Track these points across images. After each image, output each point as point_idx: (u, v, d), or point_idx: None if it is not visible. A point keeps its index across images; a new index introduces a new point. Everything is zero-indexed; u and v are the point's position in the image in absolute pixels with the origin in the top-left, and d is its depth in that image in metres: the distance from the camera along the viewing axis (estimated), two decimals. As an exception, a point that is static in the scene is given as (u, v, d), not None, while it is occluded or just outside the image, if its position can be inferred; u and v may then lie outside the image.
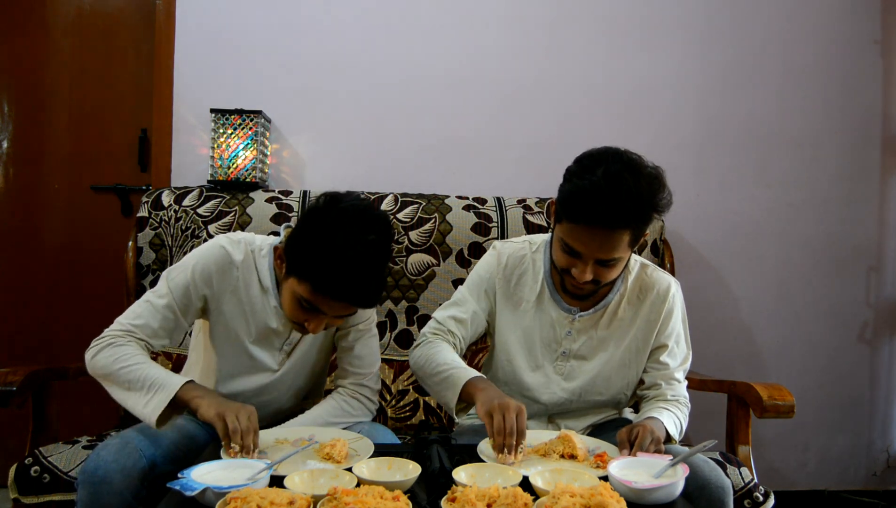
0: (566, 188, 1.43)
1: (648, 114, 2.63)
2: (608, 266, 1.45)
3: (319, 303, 1.41)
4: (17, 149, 2.61)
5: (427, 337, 1.65)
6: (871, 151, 2.74)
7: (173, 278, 1.52)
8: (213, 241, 1.55)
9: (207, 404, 1.36)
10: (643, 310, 1.63)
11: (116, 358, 1.43)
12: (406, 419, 2.21)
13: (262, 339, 1.59)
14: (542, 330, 1.64)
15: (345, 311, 1.45)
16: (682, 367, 1.66)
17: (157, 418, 1.37)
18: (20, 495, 1.63)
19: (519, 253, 1.67)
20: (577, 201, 1.39)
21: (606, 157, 1.41)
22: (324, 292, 1.38)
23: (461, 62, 2.57)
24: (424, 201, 2.32)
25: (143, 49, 2.56)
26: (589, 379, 1.64)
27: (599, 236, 1.39)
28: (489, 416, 1.34)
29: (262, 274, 1.55)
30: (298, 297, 1.42)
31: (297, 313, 1.45)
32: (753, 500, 1.70)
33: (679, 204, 2.60)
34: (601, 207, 1.36)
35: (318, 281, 1.37)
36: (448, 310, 1.68)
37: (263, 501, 1.03)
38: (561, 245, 1.47)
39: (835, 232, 2.72)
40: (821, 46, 2.70)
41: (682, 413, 1.59)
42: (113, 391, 1.46)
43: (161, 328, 1.50)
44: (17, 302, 2.60)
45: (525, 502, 1.07)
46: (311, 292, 1.39)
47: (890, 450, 2.79)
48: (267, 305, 1.55)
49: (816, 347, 2.73)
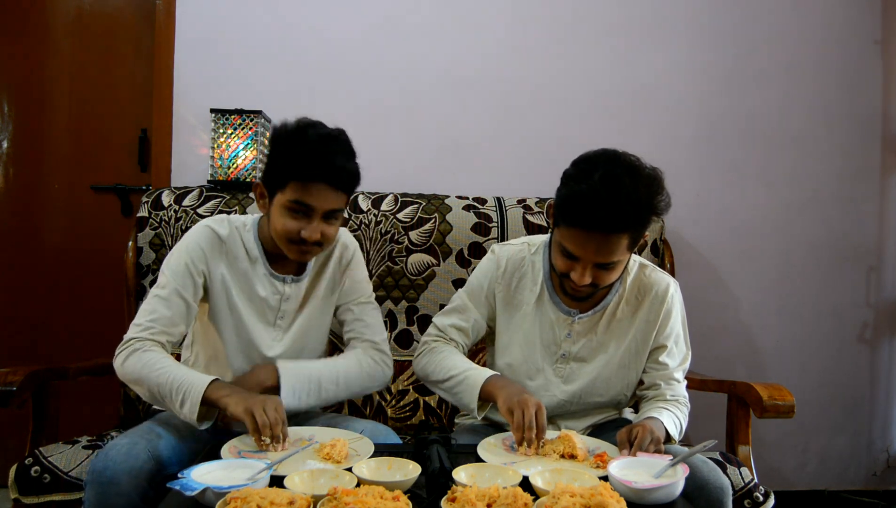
0: (563, 193, 1.43)
1: (649, 114, 2.63)
2: (607, 270, 1.45)
3: (306, 197, 1.48)
4: (17, 149, 2.61)
5: (429, 344, 1.66)
6: (871, 151, 2.74)
7: (170, 265, 1.58)
8: (198, 225, 1.63)
9: (235, 401, 1.39)
10: (642, 311, 1.63)
11: (144, 364, 1.47)
12: (406, 419, 2.21)
13: (258, 312, 1.63)
14: (542, 333, 1.64)
15: (329, 198, 1.50)
16: (681, 367, 1.66)
17: (197, 418, 1.41)
18: (20, 495, 1.63)
19: (518, 256, 1.67)
20: (574, 206, 1.38)
21: (604, 160, 1.41)
22: (305, 177, 1.47)
23: (461, 62, 2.57)
24: (424, 201, 2.32)
25: (143, 49, 2.56)
26: (588, 381, 1.63)
27: (597, 241, 1.39)
28: (510, 413, 1.40)
29: (248, 245, 1.62)
30: (288, 205, 1.49)
31: (290, 226, 1.50)
32: (753, 500, 1.70)
33: (679, 204, 2.60)
34: (599, 212, 1.35)
35: (297, 171, 1.47)
36: (449, 317, 1.68)
37: (263, 501, 1.03)
38: (559, 249, 1.47)
39: (835, 232, 2.72)
40: (821, 46, 2.70)
41: (682, 413, 1.59)
42: (146, 396, 1.50)
43: (176, 314, 1.54)
44: (17, 302, 2.60)
45: (525, 502, 1.08)
46: (295, 188, 1.48)
47: (890, 450, 2.79)
48: (256, 274, 1.61)
49: (816, 347, 2.73)
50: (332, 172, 1.49)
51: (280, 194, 1.51)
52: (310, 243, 1.52)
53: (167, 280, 1.56)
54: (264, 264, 1.62)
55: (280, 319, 1.65)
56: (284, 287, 1.64)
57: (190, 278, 1.56)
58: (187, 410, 1.41)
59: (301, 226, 1.50)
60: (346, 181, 1.52)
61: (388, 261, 2.25)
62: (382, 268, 2.25)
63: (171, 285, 1.55)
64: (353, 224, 2.25)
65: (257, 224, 1.64)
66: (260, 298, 1.62)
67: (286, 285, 1.64)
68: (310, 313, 1.68)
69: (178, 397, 1.42)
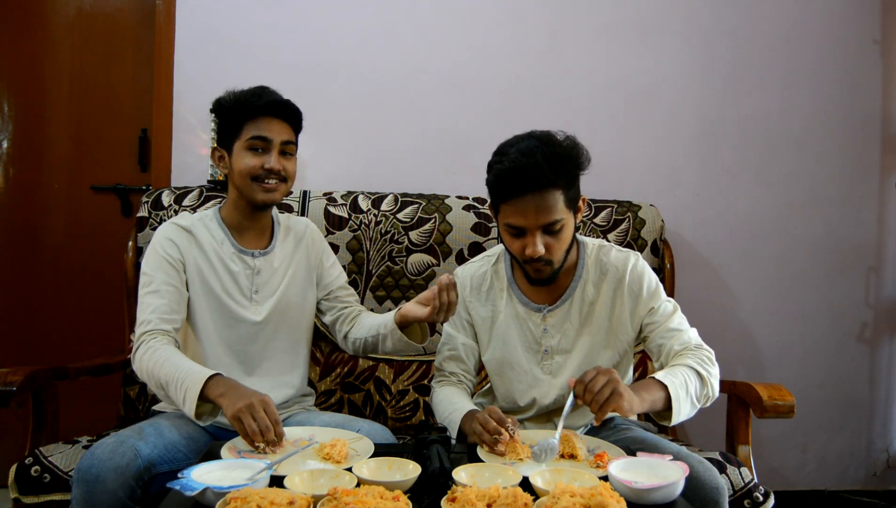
0: (491, 176, 1.51)
1: (649, 114, 2.63)
2: (554, 233, 1.50)
3: (262, 130, 1.64)
4: (17, 149, 2.61)
5: (434, 388, 1.74)
6: (871, 151, 2.74)
7: (146, 265, 1.65)
8: (161, 226, 1.73)
9: (227, 404, 1.39)
10: (607, 289, 1.64)
11: (150, 357, 1.51)
12: (406, 419, 2.21)
13: (234, 287, 1.69)
14: (521, 334, 1.67)
15: (282, 130, 1.67)
16: (674, 316, 1.60)
17: (195, 414, 1.42)
18: (20, 495, 1.63)
19: (479, 271, 1.74)
20: (502, 180, 1.47)
21: (517, 139, 1.52)
22: (256, 114, 1.64)
23: (461, 62, 2.57)
24: (424, 200, 2.32)
25: (143, 49, 2.56)
26: (575, 371, 1.64)
27: (533, 203, 1.46)
28: (479, 437, 1.41)
29: (212, 231, 1.72)
30: (246, 145, 1.64)
31: (253, 162, 1.64)
32: (753, 500, 1.70)
33: (679, 204, 2.65)
34: (523, 174, 1.44)
35: (247, 112, 1.64)
36: (441, 353, 1.76)
37: (263, 501, 1.03)
38: (507, 230, 1.53)
39: (835, 232, 2.72)
40: (821, 46, 2.70)
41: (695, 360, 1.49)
42: (158, 391, 1.53)
43: (172, 300, 1.61)
44: (17, 302, 2.60)
45: (525, 502, 1.08)
46: (250, 129, 1.64)
47: (890, 450, 2.79)
48: (225, 252, 1.70)
49: (816, 347, 2.73)
50: (278, 105, 1.66)
51: (237, 141, 1.65)
52: (274, 177, 1.65)
53: (151, 277, 1.63)
54: (232, 243, 1.71)
55: (255, 293, 1.71)
56: (254, 261, 1.72)
57: (171, 267, 1.64)
58: (187, 407, 1.42)
59: (263, 160, 1.64)
60: (292, 113, 1.69)
61: (388, 261, 2.25)
62: (382, 268, 2.25)
63: (156, 278, 1.62)
64: (353, 224, 2.25)
65: (218, 211, 1.76)
66: (233, 272, 1.69)
67: (255, 259, 1.72)
68: (287, 286, 1.75)
69: (180, 392, 1.43)
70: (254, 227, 1.74)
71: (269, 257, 1.74)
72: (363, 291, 2.25)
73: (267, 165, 1.64)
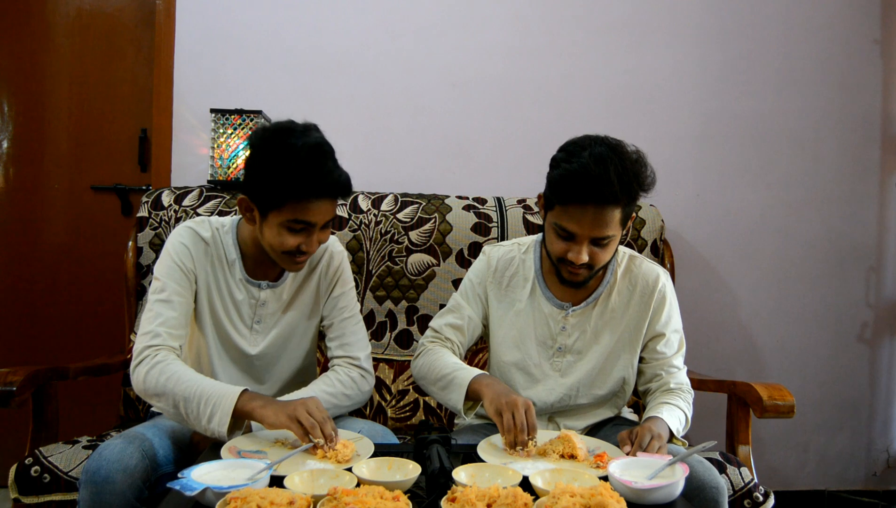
0: (556, 173, 1.49)
1: (648, 113, 2.63)
2: (602, 246, 1.49)
3: (307, 215, 1.46)
4: (17, 149, 2.61)
5: (426, 346, 1.68)
6: (871, 151, 2.74)
7: (160, 269, 1.57)
8: (179, 227, 1.62)
9: (273, 411, 1.37)
10: (634, 300, 1.65)
11: (169, 377, 1.44)
12: (406, 419, 2.21)
13: (236, 314, 1.62)
14: (537, 328, 1.66)
15: (328, 211, 1.49)
16: (679, 353, 1.67)
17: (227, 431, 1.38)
18: (20, 495, 1.63)
19: (508, 255, 1.71)
20: (568, 183, 1.44)
21: (590, 141, 1.49)
22: (304, 197, 1.43)
23: (461, 62, 2.57)
24: (424, 201, 2.32)
25: (143, 49, 2.56)
26: (585, 374, 1.65)
27: (591, 214, 1.44)
28: (499, 414, 1.39)
29: (227, 249, 1.61)
30: (286, 224, 1.47)
31: (289, 242, 1.48)
32: (753, 500, 1.70)
33: (679, 204, 2.65)
34: (591, 185, 1.42)
35: (294, 192, 1.43)
36: (444, 317, 1.71)
37: (263, 501, 1.03)
38: (555, 230, 1.51)
39: (835, 232, 2.72)
40: (821, 46, 2.70)
41: (685, 403, 1.61)
42: (167, 410, 1.46)
43: (181, 314, 1.54)
44: (18, 302, 2.60)
45: (525, 502, 1.07)
46: (293, 208, 1.45)
47: (890, 450, 2.79)
48: (233, 277, 1.61)
49: (816, 347, 2.73)
50: (329, 186, 1.46)
51: (275, 213, 1.46)
52: (305, 254, 1.52)
53: (164, 283, 1.54)
54: (241, 268, 1.61)
55: (257, 323, 1.64)
56: (260, 293, 1.63)
57: (184, 277, 1.56)
58: (216, 423, 1.37)
59: (300, 241, 1.49)
60: (343, 190, 1.50)
61: (388, 261, 2.25)
62: (382, 268, 2.25)
63: (169, 287, 1.54)
64: (353, 224, 2.25)
65: (236, 227, 1.63)
66: (236, 300, 1.62)
67: (261, 291, 1.63)
68: (292, 317, 1.67)
69: (206, 410, 1.39)
70: (267, 260, 1.60)
71: (278, 290, 1.65)
72: (363, 291, 2.25)
73: (304, 248, 1.50)
